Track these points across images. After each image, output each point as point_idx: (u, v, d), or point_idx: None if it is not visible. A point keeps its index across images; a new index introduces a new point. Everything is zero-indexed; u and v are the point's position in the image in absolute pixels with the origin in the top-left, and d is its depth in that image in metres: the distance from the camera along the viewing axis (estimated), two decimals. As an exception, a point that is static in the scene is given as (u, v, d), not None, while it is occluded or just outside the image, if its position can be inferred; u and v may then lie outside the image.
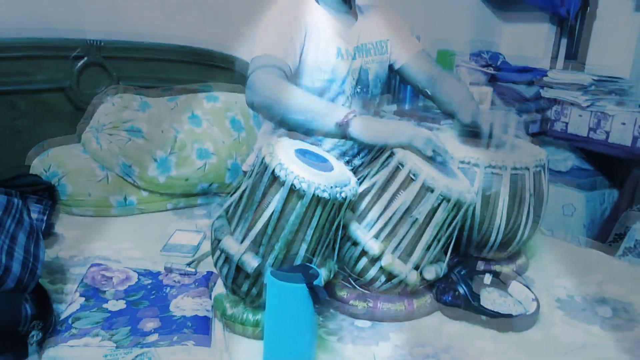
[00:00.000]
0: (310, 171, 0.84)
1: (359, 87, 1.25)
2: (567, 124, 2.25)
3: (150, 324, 0.87)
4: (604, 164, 2.30)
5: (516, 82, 2.38)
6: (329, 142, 1.23)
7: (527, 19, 2.70)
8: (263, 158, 0.85)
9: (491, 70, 2.44)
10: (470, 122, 1.16)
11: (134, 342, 0.81)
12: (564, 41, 2.56)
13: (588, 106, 2.17)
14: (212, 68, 1.73)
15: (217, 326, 0.90)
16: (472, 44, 2.65)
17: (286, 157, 0.85)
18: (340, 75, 1.20)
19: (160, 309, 0.92)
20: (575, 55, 2.48)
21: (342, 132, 0.96)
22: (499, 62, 2.57)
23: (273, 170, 0.82)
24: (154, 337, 0.83)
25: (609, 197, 2.32)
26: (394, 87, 2.13)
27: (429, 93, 1.30)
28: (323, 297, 0.73)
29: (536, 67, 2.45)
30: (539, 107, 2.31)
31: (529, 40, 2.65)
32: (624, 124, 2.06)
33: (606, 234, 2.20)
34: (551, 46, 2.61)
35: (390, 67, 1.34)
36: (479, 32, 2.70)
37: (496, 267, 1.11)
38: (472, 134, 1.18)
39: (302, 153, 0.89)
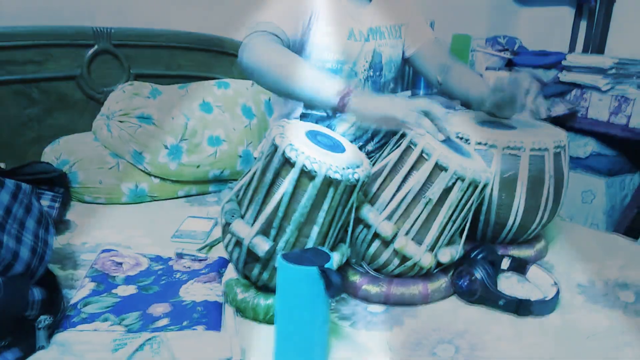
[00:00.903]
0: (321, 152, 0.82)
1: (372, 70, 1.22)
2: (587, 108, 2.19)
3: (160, 309, 0.86)
4: (625, 149, 2.24)
5: (534, 66, 2.32)
6: (341, 127, 1.20)
7: (546, 2, 2.63)
8: (273, 139, 0.83)
9: (508, 55, 2.39)
10: (484, 108, 1.14)
11: (143, 327, 0.80)
12: (583, 24, 2.49)
13: (608, 90, 2.10)
14: (223, 55, 1.71)
15: (228, 311, 0.88)
16: (489, 28, 2.59)
17: (297, 138, 0.83)
18: (351, 57, 1.17)
19: (171, 294, 0.91)
20: (595, 39, 2.41)
21: (339, 105, 0.91)
22: (515, 47, 2.51)
23: (283, 152, 0.80)
24: (164, 322, 0.82)
25: (630, 183, 2.25)
26: (407, 73, 2.09)
27: (440, 82, 1.27)
28: (335, 281, 0.71)
29: (554, 52, 2.38)
30: (558, 91, 2.25)
31: (547, 24, 2.59)
32: (645, 107, 1.99)
33: (627, 220, 2.15)
34: (570, 30, 2.54)
35: (403, 53, 1.31)
36: (496, 16, 2.64)
37: (514, 252, 1.08)
38: (490, 116, 1.15)
39: (313, 135, 0.87)
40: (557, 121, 2.25)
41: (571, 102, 2.23)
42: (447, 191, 0.89)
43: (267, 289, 0.88)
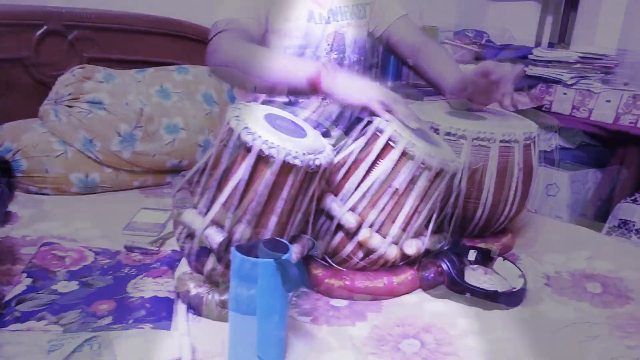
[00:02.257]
0: (280, 136, 0.76)
1: (335, 53, 1.17)
2: (551, 102, 2.20)
3: (103, 306, 0.79)
4: (587, 143, 2.27)
5: (500, 60, 2.32)
6: (304, 113, 1.15)
7: (513, -3, 2.64)
8: (228, 122, 0.77)
9: (475, 48, 2.38)
10: (454, 92, 1.10)
11: (83, 326, 0.73)
12: (549, 19, 2.51)
13: (573, 84, 2.12)
14: (183, 39, 1.63)
15: (180, 308, 0.82)
16: (457, 21, 2.59)
17: (254, 121, 0.77)
18: (313, 41, 1.12)
19: (117, 290, 0.84)
20: (560, 34, 2.43)
21: (313, 87, 0.88)
22: (483, 41, 2.51)
23: (239, 135, 0.74)
24: (106, 321, 0.75)
25: (592, 177, 2.28)
26: (377, 63, 2.06)
27: (411, 63, 1.23)
28: (293, 274, 0.65)
29: (521, 46, 2.39)
30: (525, 85, 2.26)
31: (515, 19, 2.60)
32: (608, 101, 2.02)
33: (590, 214, 2.18)
34: (536, 24, 2.56)
35: (371, 34, 1.27)
36: (464, 10, 2.64)
37: (481, 244, 1.05)
38: (462, 106, 1.12)
39: (272, 118, 0.81)
40: (522, 115, 2.26)
41: (537, 96, 2.24)
42: (413, 181, 0.85)
43: (222, 283, 0.82)
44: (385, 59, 2.10)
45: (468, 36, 2.51)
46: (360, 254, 0.88)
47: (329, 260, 0.92)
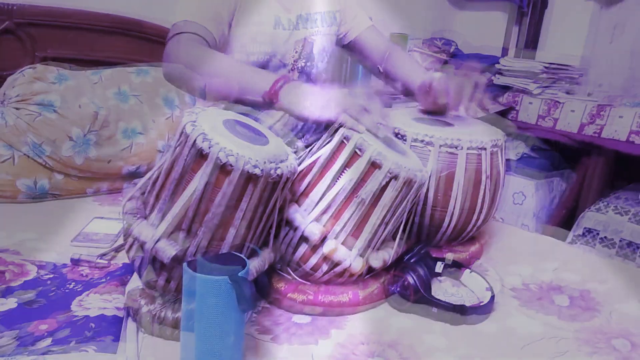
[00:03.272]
0: (240, 143, 0.71)
1: (303, 60, 1.13)
2: (517, 111, 2.22)
3: (43, 327, 0.72)
4: (552, 152, 2.30)
5: (467, 67, 2.33)
6: (269, 120, 1.11)
7: (482, 7, 2.67)
8: (184, 127, 0.71)
9: (444, 56, 2.39)
10: (420, 93, 1.09)
11: (20, 349, 0.67)
12: (516, 29, 2.54)
13: (539, 94, 2.14)
14: (143, 40, 1.56)
15: (130, 327, 0.76)
16: (426, 29, 2.59)
17: (211, 127, 0.72)
18: (279, 48, 1.07)
19: (60, 307, 0.77)
20: (527, 44, 2.47)
21: (270, 102, 0.84)
22: (452, 49, 2.53)
23: (195, 141, 0.69)
24: (45, 343, 0.68)
25: (557, 185, 2.32)
26: (345, 67, 2.03)
27: (382, 69, 1.21)
28: (247, 293, 0.61)
29: (489, 55, 2.41)
30: (492, 94, 2.28)
31: (483, 28, 2.63)
32: (573, 111, 2.05)
33: (555, 222, 2.20)
34: (503, 34, 2.59)
35: (340, 41, 1.24)
36: (433, 19, 2.65)
37: (448, 255, 1.03)
38: (431, 112, 1.10)
39: (232, 124, 0.77)
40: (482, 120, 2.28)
41: (504, 105, 2.26)
42: (380, 191, 0.82)
43: (175, 300, 0.76)
44: (353, 70, 2.08)
45: (436, 44, 2.51)
46: (325, 267, 0.84)
47: (292, 274, 0.87)
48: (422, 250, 0.95)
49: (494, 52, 2.47)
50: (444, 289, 0.94)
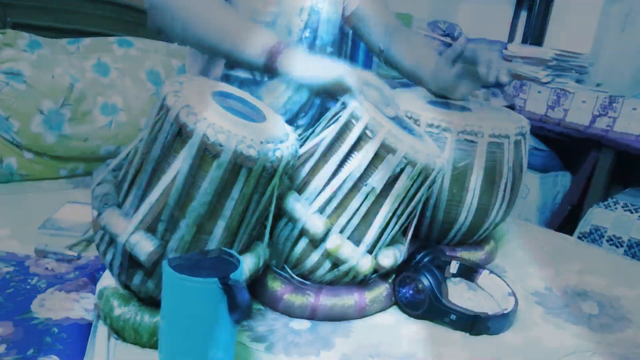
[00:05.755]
0: (232, 119, 0.60)
1: (308, 30, 1.02)
2: (525, 100, 2.12)
3: (-5, 332, 0.61)
4: (560, 144, 2.20)
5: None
6: (269, 96, 1.00)
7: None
8: (164, 98, 0.60)
9: (449, 40, 2.28)
10: (435, 89, 0.98)
11: (-38, 361, 0.55)
12: (523, 15, 2.44)
13: (548, 82, 2.04)
14: (128, 9, 1.43)
15: (100, 332, 0.65)
16: (430, 12, 2.49)
17: (198, 98, 0.60)
18: (288, 11, 0.96)
19: (18, 308, 0.65)
20: (534, 31, 2.36)
21: (267, 62, 0.74)
22: (455, 33, 2.41)
23: (177, 116, 0.57)
24: (-4, 352, 0.57)
25: (562, 180, 2.23)
26: (345, 51, 1.91)
27: (383, 49, 1.09)
28: (242, 300, 0.50)
29: (494, 40, 2.30)
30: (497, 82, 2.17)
31: (488, 13, 2.52)
32: (584, 102, 1.95)
33: (559, 219, 2.11)
34: (510, 20, 2.48)
35: (342, 14, 1.12)
36: (437, 2, 2.54)
37: (463, 254, 0.93)
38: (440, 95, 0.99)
39: (222, 96, 0.65)
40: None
41: (510, 94, 2.16)
42: (393, 179, 0.71)
43: (154, 302, 0.65)
44: (354, 47, 1.96)
45: (440, 28, 2.40)
46: (328, 265, 0.73)
47: (290, 272, 0.76)
48: (434, 248, 0.85)
49: (500, 38, 2.36)
50: (459, 292, 0.84)
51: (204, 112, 0.58)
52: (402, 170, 0.71)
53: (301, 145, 0.74)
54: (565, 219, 2.09)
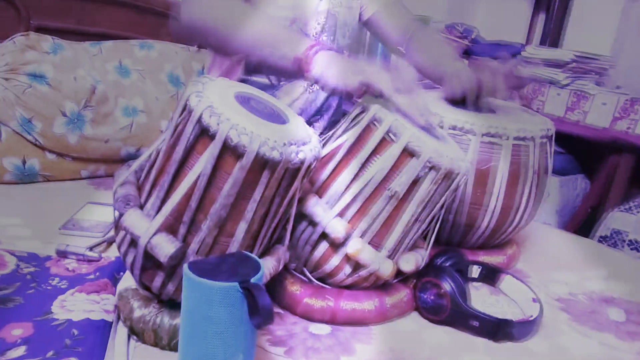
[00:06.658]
0: (255, 121, 0.59)
1: (325, 34, 1.01)
2: (544, 102, 2.08)
3: (17, 332, 0.61)
4: (578, 148, 2.17)
5: (490, 57, 2.20)
6: (287, 98, 0.99)
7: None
8: (187, 99, 0.60)
9: (466, 42, 2.26)
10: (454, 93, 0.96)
11: (-15, 360, 0.56)
12: (541, 17, 2.40)
13: (567, 84, 2.01)
14: (148, 13, 1.44)
15: (120, 334, 0.65)
16: (446, 14, 2.47)
17: (221, 99, 0.60)
18: (303, 15, 0.96)
19: (38, 309, 0.66)
20: (552, 33, 2.33)
21: (300, 68, 0.74)
22: (472, 36, 2.39)
23: (200, 117, 0.57)
24: (18, 352, 0.57)
25: (581, 183, 2.19)
26: (363, 45, 1.90)
27: (403, 51, 1.08)
28: (264, 304, 0.49)
29: (511, 42, 2.28)
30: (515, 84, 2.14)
31: (505, 18, 2.49)
32: (604, 104, 1.91)
33: (577, 221, 2.08)
34: (527, 22, 2.45)
35: (359, 17, 1.11)
36: (453, 3, 2.52)
37: (484, 258, 0.91)
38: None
39: (245, 98, 0.65)
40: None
41: (527, 97, 2.13)
42: (416, 183, 0.70)
43: (174, 304, 0.65)
44: (371, 48, 1.95)
45: (457, 30, 2.38)
46: (348, 269, 0.73)
47: (309, 275, 0.76)
48: (455, 252, 0.83)
49: (517, 40, 2.33)
50: (481, 297, 0.82)
51: (227, 113, 0.57)
52: (425, 175, 0.70)
53: (323, 147, 0.73)
54: (584, 222, 2.05)
